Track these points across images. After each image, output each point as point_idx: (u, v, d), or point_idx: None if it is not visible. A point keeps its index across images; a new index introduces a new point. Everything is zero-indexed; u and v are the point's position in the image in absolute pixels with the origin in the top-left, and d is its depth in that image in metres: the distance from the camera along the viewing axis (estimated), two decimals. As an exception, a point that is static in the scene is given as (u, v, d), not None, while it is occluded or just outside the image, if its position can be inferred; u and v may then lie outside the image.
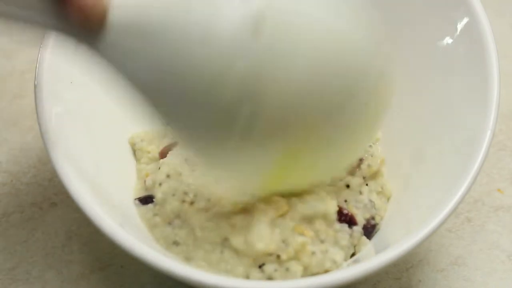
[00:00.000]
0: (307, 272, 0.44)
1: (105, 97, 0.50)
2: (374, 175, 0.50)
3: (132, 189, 0.50)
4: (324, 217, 0.46)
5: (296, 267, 0.43)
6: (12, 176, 0.56)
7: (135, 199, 0.49)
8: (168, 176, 0.48)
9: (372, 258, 0.40)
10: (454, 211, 0.42)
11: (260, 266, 0.44)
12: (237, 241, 0.44)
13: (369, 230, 0.47)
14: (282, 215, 0.45)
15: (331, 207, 0.46)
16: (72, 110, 0.47)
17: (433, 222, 0.41)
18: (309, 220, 0.46)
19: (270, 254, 0.44)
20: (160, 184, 0.48)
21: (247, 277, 0.43)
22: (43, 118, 0.44)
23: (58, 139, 0.44)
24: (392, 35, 0.54)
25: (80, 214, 0.41)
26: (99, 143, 0.49)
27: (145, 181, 0.49)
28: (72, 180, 0.42)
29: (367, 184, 0.49)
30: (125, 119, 0.52)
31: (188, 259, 0.45)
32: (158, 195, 0.48)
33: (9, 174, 0.57)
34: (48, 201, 0.54)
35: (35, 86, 0.46)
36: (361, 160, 0.50)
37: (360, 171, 0.49)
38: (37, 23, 0.37)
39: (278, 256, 0.44)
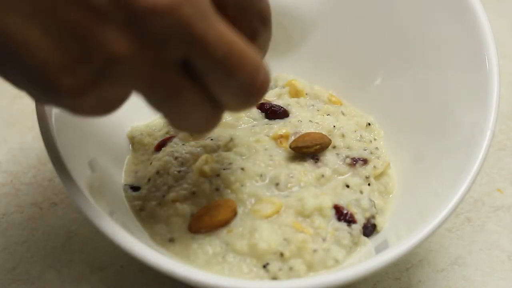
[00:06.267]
0: (311, 270, 0.44)
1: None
2: (379, 176, 0.50)
3: (124, 175, 0.50)
4: (320, 211, 0.46)
5: (299, 266, 0.44)
6: (12, 176, 0.56)
7: (125, 184, 0.49)
8: (157, 172, 0.48)
9: (372, 258, 0.41)
10: (454, 211, 0.42)
11: (264, 266, 0.44)
12: (240, 244, 0.44)
13: (369, 229, 0.47)
14: (277, 212, 0.46)
15: (324, 201, 0.46)
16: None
17: (433, 222, 0.41)
18: (305, 215, 0.46)
19: (274, 253, 0.44)
20: (148, 180, 0.48)
21: (252, 277, 0.43)
22: (43, 118, 0.44)
23: (58, 139, 0.44)
24: (392, 36, 0.54)
25: (80, 214, 0.42)
26: (98, 141, 0.49)
27: (135, 172, 0.50)
28: (72, 180, 0.42)
29: (369, 184, 0.49)
30: (124, 114, 0.52)
31: (187, 257, 0.45)
32: (143, 191, 0.48)
33: (9, 174, 0.57)
34: (48, 201, 0.54)
35: (35, 86, 0.46)
36: (365, 160, 0.50)
37: (364, 171, 0.49)
38: None
39: (282, 254, 0.44)
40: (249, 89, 0.36)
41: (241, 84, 0.36)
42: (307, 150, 0.49)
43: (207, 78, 0.35)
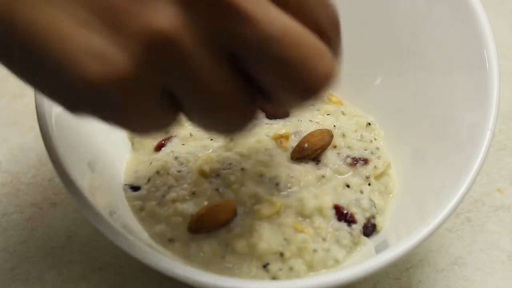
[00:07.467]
0: (311, 270, 0.44)
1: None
2: (379, 176, 0.50)
3: (124, 175, 0.50)
4: (320, 211, 0.46)
5: (299, 266, 0.44)
6: (12, 176, 0.56)
7: (125, 184, 0.49)
8: (157, 172, 0.48)
9: (372, 258, 0.41)
10: (454, 211, 0.42)
11: (264, 266, 0.44)
12: (240, 244, 0.44)
13: (369, 229, 0.47)
14: (277, 212, 0.46)
15: (324, 201, 0.46)
16: (72, 110, 0.47)
17: (433, 222, 0.41)
18: (304, 215, 0.46)
19: (274, 253, 0.44)
20: (148, 180, 0.48)
21: (252, 277, 0.43)
22: (43, 118, 0.44)
23: (58, 139, 0.44)
24: (392, 36, 0.54)
25: (80, 214, 0.41)
26: (98, 141, 0.49)
27: (135, 172, 0.50)
28: (72, 180, 0.42)
29: (369, 184, 0.49)
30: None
31: (187, 257, 0.45)
32: (143, 191, 0.48)
33: (9, 174, 0.57)
34: (48, 201, 0.54)
35: (35, 86, 0.46)
36: (366, 160, 0.50)
37: (365, 171, 0.49)
38: None
39: (282, 254, 0.44)
40: (305, 79, 0.30)
41: (296, 71, 0.30)
42: (309, 157, 0.49)
43: (254, 64, 0.30)
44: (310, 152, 0.49)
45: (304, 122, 0.52)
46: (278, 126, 0.51)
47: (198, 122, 0.33)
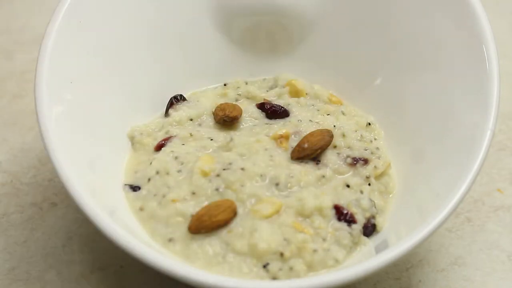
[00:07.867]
0: (311, 270, 0.44)
1: (104, 96, 0.51)
2: (379, 176, 0.50)
3: (124, 175, 0.50)
4: (320, 211, 0.46)
5: (299, 266, 0.44)
6: (12, 176, 0.56)
7: (125, 184, 0.49)
8: (157, 172, 0.48)
9: (372, 258, 0.40)
10: (454, 211, 0.42)
11: (264, 266, 0.44)
12: (240, 244, 0.44)
13: (369, 229, 0.47)
14: (277, 212, 0.46)
15: (324, 201, 0.46)
16: (72, 110, 0.47)
17: (433, 222, 0.41)
18: (304, 215, 0.46)
19: (274, 253, 0.44)
20: (148, 180, 0.48)
21: (252, 277, 0.43)
22: (43, 118, 0.44)
23: (58, 139, 0.44)
24: (393, 36, 0.54)
25: (80, 214, 0.41)
26: (98, 141, 0.49)
27: (135, 172, 0.50)
28: (72, 180, 0.42)
29: (369, 184, 0.49)
30: (124, 114, 0.52)
31: (187, 257, 0.45)
32: (143, 191, 0.48)
33: (9, 174, 0.57)
34: (48, 201, 0.54)
35: (35, 86, 0.46)
36: (366, 160, 0.50)
37: (365, 171, 0.49)
38: None
39: (282, 254, 0.44)
40: None
41: None
42: (309, 157, 0.49)
43: None
44: (310, 152, 0.49)
45: (304, 122, 0.52)
46: (278, 126, 0.52)
47: None
